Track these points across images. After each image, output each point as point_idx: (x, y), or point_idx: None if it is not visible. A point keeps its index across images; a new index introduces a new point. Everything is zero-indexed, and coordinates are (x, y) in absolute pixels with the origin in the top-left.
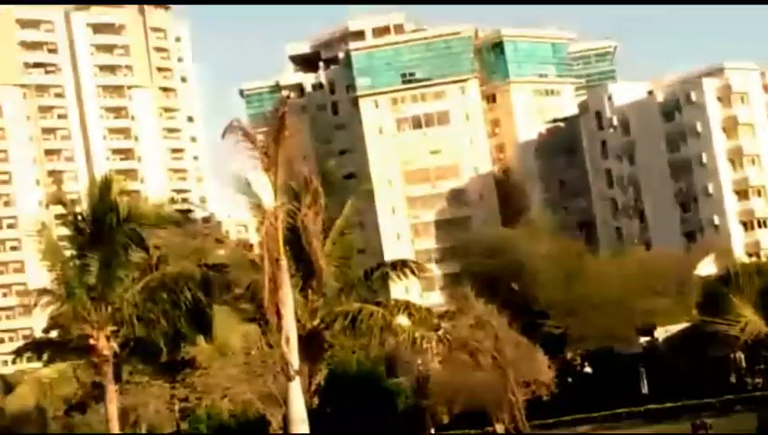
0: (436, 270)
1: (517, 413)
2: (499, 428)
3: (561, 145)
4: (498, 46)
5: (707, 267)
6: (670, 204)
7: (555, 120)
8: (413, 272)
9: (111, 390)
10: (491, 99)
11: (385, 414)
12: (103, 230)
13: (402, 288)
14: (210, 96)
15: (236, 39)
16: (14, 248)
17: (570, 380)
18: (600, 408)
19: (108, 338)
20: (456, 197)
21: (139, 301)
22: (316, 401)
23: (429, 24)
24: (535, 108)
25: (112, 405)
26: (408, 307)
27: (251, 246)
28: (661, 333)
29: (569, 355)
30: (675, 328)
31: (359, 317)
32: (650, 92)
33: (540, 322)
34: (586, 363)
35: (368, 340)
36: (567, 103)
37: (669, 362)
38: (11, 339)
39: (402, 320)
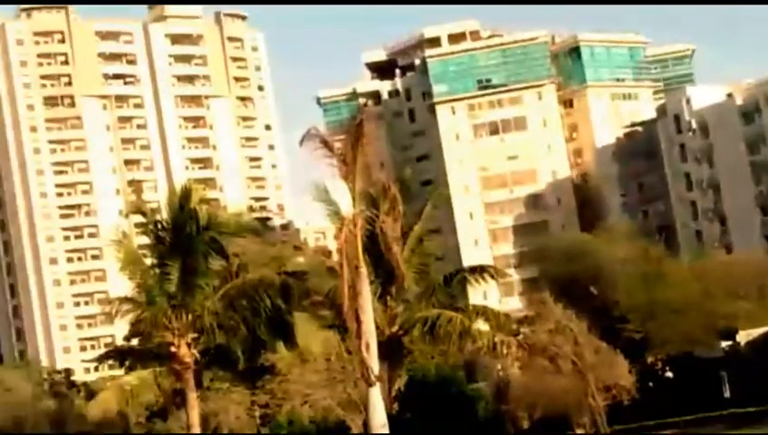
0: (514, 275)
1: (598, 418)
2: (580, 432)
3: (639, 149)
4: (575, 51)
5: None
6: (751, 207)
7: (633, 125)
8: (492, 277)
9: (193, 397)
10: (568, 104)
11: (465, 420)
12: (183, 239)
13: (480, 294)
14: (287, 104)
15: (312, 47)
16: (95, 257)
17: (651, 384)
18: (682, 412)
19: (189, 345)
20: (534, 202)
21: (219, 308)
22: (396, 406)
23: (505, 30)
24: (613, 112)
25: (194, 411)
26: (486, 312)
27: (329, 253)
28: (743, 337)
29: (649, 360)
30: (757, 332)
31: (438, 323)
32: (729, 95)
33: (619, 326)
34: (667, 368)
35: (447, 346)
36: (645, 107)
37: (752, 366)
38: (93, 347)
39: (481, 325)
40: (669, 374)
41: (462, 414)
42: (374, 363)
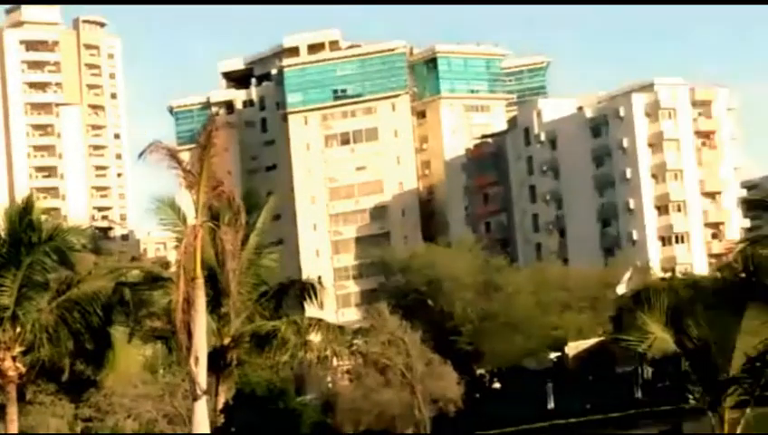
0: (353, 287)
1: (423, 430)
2: None
3: (487, 161)
4: (432, 62)
5: (625, 284)
6: (592, 219)
7: (484, 136)
8: (313, 289)
9: (12, 411)
10: (421, 115)
11: (291, 432)
12: (22, 251)
13: (317, 305)
14: (143, 114)
15: (174, 56)
16: None
17: (478, 396)
18: (508, 423)
19: (14, 359)
20: (379, 213)
21: (50, 321)
22: (222, 419)
23: (365, 41)
24: (465, 124)
25: (13, 425)
26: (319, 324)
27: (167, 264)
28: (571, 350)
29: (479, 371)
30: (585, 344)
31: (270, 335)
32: (579, 108)
33: (453, 338)
34: (495, 379)
35: (278, 358)
36: (497, 119)
37: (577, 377)
38: None
39: (313, 337)
40: (497, 386)
41: (288, 427)
42: (202, 377)
